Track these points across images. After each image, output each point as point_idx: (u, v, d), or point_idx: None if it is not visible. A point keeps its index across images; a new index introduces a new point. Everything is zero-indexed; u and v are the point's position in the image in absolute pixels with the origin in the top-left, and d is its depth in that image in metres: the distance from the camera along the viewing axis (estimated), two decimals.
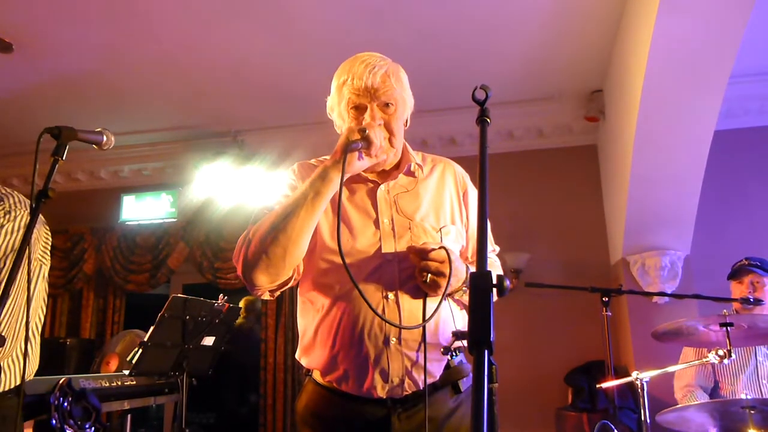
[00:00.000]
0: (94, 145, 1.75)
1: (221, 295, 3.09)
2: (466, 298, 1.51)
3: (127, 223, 5.28)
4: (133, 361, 2.76)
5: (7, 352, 1.73)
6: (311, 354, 1.51)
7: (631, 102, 3.40)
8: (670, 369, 2.59)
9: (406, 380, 1.42)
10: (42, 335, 5.16)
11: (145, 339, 2.77)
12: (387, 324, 1.40)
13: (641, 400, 2.42)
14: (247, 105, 4.65)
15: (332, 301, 1.45)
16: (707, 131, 3.35)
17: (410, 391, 1.44)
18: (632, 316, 4.05)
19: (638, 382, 2.43)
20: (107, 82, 4.32)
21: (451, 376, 1.51)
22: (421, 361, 1.42)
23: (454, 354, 1.52)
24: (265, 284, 1.43)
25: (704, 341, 2.59)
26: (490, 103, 1.22)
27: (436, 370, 1.47)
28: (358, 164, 1.42)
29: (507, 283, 0.82)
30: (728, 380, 3.06)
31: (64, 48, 3.88)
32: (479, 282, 0.81)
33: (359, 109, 1.51)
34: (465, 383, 1.52)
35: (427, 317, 1.40)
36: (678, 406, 2.67)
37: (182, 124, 5.00)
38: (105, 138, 1.75)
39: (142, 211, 5.29)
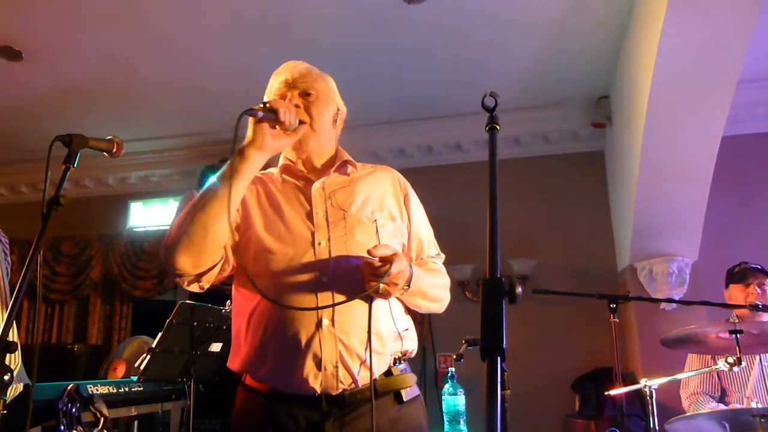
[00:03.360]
0: (105, 153, 1.76)
1: (228, 302, 3.09)
2: (405, 297, 1.52)
3: (134, 229, 5.31)
4: (141, 367, 2.76)
5: None
6: (241, 351, 1.48)
7: (638, 108, 3.40)
8: (679, 376, 2.57)
9: (341, 369, 1.38)
10: (49, 341, 5.17)
11: (153, 345, 2.78)
12: (319, 305, 1.39)
13: (650, 407, 2.40)
14: None
15: (266, 290, 1.41)
16: (715, 137, 3.34)
17: (347, 386, 1.39)
18: (640, 323, 4.03)
19: (647, 390, 2.41)
20: (115, 90, 4.35)
21: (392, 385, 1.47)
22: (355, 347, 1.40)
23: (398, 362, 1.50)
24: (188, 268, 1.41)
25: (713, 348, 2.58)
26: (496, 110, 1.22)
27: (374, 363, 1.42)
28: (274, 143, 1.44)
29: (519, 290, 0.82)
30: (735, 387, 3.04)
31: (72, 56, 3.90)
32: (491, 288, 0.81)
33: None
34: (408, 393, 1.48)
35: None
36: (687, 414, 2.65)
37: (189, 131, 5.03)
38: (116, 146, 1.75)
39: (149, 217, 5.33)
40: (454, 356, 2.80)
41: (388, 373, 1.47)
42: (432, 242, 1.71)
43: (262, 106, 1.43)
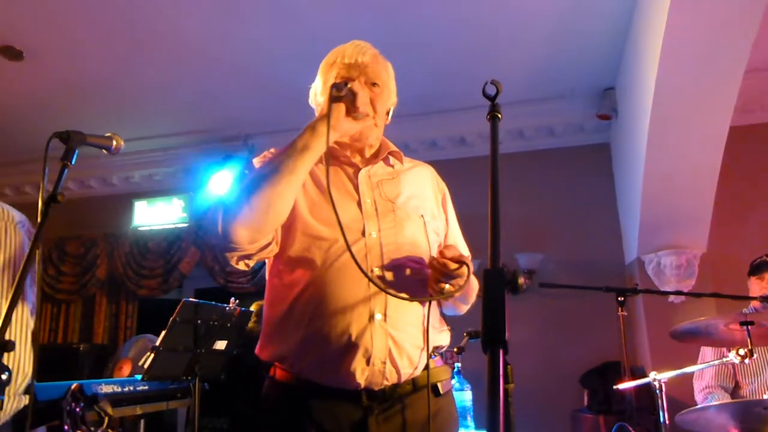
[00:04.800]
0: (104, 150, 1.74)
1: (232, 299, 3.08)
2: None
3: (139, 228, 5.31)
4: (145, 366, 2.75)
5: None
6: (280, 340, 1.41)
7: (644, 99, 3.36)
8: (689, 369, 2.53)
9: (388, 365, 1.35)
10: (55, 341, 5.19)
11: (157, 344, 2.77)
12: (371, 299, 1.35)
13: (659, 401, 2.37)
14: (256, 109, 4.65)
15: (312, 277, 1.37)
16: (722, 127, 3.29)
17: (390, 383, 1.36)
18: (648, 316, 3.99)
19: (656, 383, 2.38)
20: (117, 88, 4.34)
21: (431, 378, 1.43)
22: (405, 344, 1.37)
23: (433, 355, 1.48)
24: (244, 242, 1.33)
25: (724, 340, 2.53)
26: (500, 103, 1.20)
27: (418, 357, 1.40)
28: (346, 125, 1.41)
29: (522, 280, 0.80)
30: (749, 380, 3.00)
31: (74, 55, 3.90)
32: (492, 279, 0.78)
33: None
34: (444, 386, 1.47)
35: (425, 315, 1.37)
36: (698, 406, 2.61)
37: (192, 128, 5.02)
38: (114, 142, 1.73)
39: (153, 216, 5.32)
40: (456, 349, 2.75)
41: (426, 366, 1.45)
42: (464, 244, 1.68)
43: (344, 85, 1.40)
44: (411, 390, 1.39)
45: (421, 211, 1.52)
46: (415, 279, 1.40)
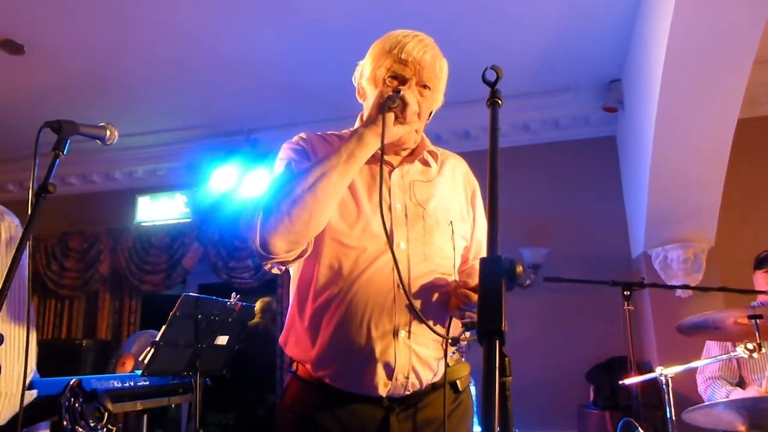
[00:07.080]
0: (98, 140, 1.72)
1: (233, 294, 3.06)
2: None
3: (141, 223, 5.30)
4: (146, 361, 2.73)
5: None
6: (304, 343, 1.40)
7: (651, 91, 3.31)
8: (695, 364, 2.50)
9: (411, 377, 1.35)
10: (58, 337, 5.17)
11: (157, 338, 2.75)
12: (396, 315, 1.34)
13: (666, 396, 2.34)
14: (259, 103, 4.62)
15: (338, 286, 1.35)
16: (730, 119, 3.24)
17: (411, 391, 1.37)
18: (655, 311, 3.95)
19: (662, 378, 2.34)
20: (119, 83, 4.31)
21: (450, 376, 1.44)
22: (428, 358, 1.37)
23: (452, 353, 1.47)
24: (281, 252, 1.30)
25: (732, 334, 2.50)
26: (505, 96, 1.17)
27: (439, 367, 1.42)
28: (393, 130, 1.37)
29: (520, 268, 0.76)
30: (755, 375, 2.96)
31: (75, 49, 3.87)
32: (489, 267, 0.75)
33: (398, 80, 1.43)
34: (463, 383, 1.48)
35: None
36: (705, 403, 2.57)
37: (195, 123, 5.00)
38: (108, 132, 1.71)
39: (156, 211, 5.31)
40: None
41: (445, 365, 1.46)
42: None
43: (397, 94, 1.36)
44: (431, 389, 1.41)
45: (451, 217, 1.48)
46: (439, 294, 1.39)
